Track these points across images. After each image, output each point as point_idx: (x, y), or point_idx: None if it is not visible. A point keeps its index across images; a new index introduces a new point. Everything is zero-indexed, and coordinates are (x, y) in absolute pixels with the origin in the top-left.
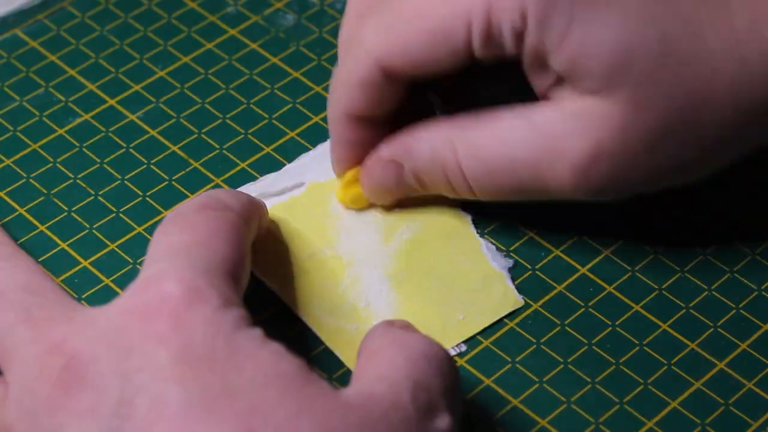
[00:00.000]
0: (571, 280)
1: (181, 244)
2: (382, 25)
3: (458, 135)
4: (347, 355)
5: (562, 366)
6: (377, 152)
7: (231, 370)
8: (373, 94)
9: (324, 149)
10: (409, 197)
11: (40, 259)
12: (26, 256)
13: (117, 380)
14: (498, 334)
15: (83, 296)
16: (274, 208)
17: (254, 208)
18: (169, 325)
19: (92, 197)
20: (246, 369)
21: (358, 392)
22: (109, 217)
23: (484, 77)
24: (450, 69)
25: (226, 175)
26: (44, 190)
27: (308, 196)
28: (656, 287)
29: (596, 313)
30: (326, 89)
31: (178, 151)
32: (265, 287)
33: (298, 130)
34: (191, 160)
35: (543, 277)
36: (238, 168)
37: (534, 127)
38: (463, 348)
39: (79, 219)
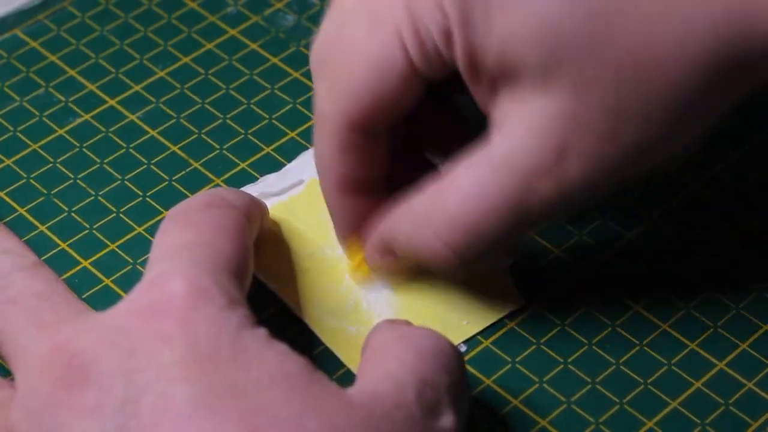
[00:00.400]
0: (571, 280)
1: (185, 243)
2: (330, 84)
3: (429, 210)
4: (348, 356)
5: (562, 366)
6: (368, 239)
7: (236, 369)
8: (352, 157)
9: None
10: None
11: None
12: (47, 269)
13: (121, 379)
14: (498, 334)
15: (83, 296)
16: (274, 208)
17: (256, 207)
18: (174, 324)
19: (92, 197)
20: (251, 369)
21: (362, 391)
22: (109, 217)
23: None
24: (410, 98)
25: (226, 175)
26: (44, 190)
27: (308, 193)
28: (656, 287)
29: (596, 313)
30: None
31: (178, 151)
32: (266, 287)
33: (298, 130)
34: (191, 160)
35: (543, 277)
36: (238, 168)
37: (496, 167)
38: (463, 348)
39: (79, 219)
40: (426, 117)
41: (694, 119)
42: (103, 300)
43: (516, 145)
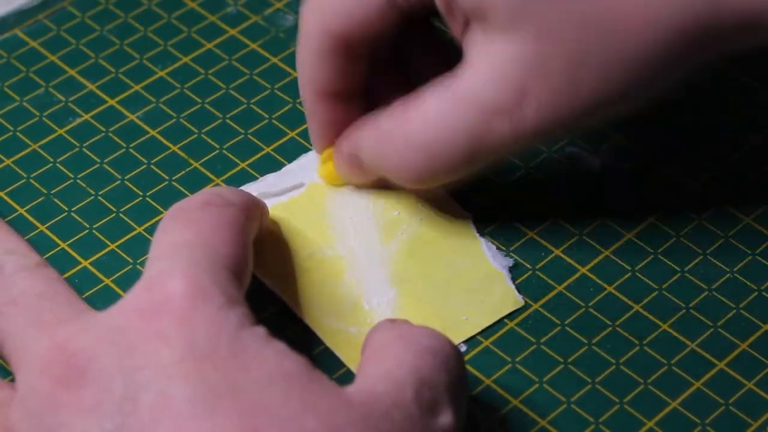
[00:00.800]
0: (571, 280)
1: (184, 241)
2: (312, 7)
3: (393, 128)
4: (348, 355)
5: (562, 366)
6: (338, 145)
7: (235, 368)
8: (331, 66)
9: None
10: (403, 189)
11: None
12: (50, 269)
13: (120, 378)
14: (498, 334)
15: (83, 296)
16: (274, 208)
17: (256, 206)
18: (173, 323)
19: (92, 197)
20: (250, 368)
21: (361, 390)
22: (109, 217)
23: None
24: (385, 25)
25: (226, 175)
26: (44, 190)
27: (308, 196)
28: (656, 287)
29: (596, 313)
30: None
31: (178, 151)
32: (266, 287)
33: (298, 130)
34: (191, 160)
35: (543, 277)
36: (238, 168)
37: (459, 100)
38: (463, 348)
39: (79, 219)
40: (410, 43)
41: (652, 81)
42: (103, 300)
43: (479, 82)
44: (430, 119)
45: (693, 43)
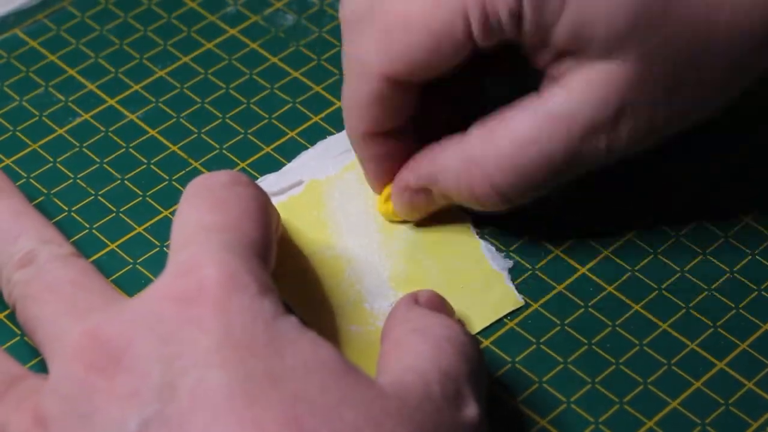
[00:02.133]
0: (571, 280)
1: (215, 224)
2: (379, 37)
3: (479, 152)
4: (348, 355)
5: (562, 366)
6: (404, 180)
7: (272, 356)
8: (385, 108)
9: (324, 147)
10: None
11: None
12: (84, 260)
13: (157, 365)
14: (498, 334)
15: None
16: None
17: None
18: (209, 311)
19: (92, 197)
20: (287, 356)
21: (391, 382)
22: (109, 217)
23: (489, 72)
24: (454, 64)
25: None
26: (44, 190)
27: (308, 194)
28: (656, 287)
29: (596, 313)
30: (326, 89)
31: (178, 151)
32: None
33: (298, 130)
34: (191, 160)
35: (543, 277)
36: (238, 168)
37: (556, 119)
38: None
39: (79, 219)
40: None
41: (741, 80)
42: None
43: (575, 102)
44: (522, 137)
45: None
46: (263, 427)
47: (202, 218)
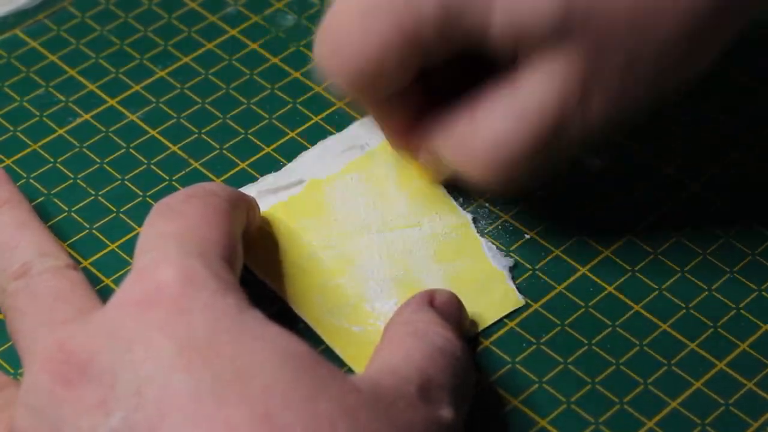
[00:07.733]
0: (571, 280)
1: (171, 232)
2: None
3: (467, 139)
4: (348, 354)
5: (562, 366)
6: (420, 155)
7: (239, 353)
8: (401, 62)
9: (323, 147)
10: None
11: None
12: (77, 272)
13: (123, 373)
14: (498, 334)
15: None
16: (274, 208)
17: (240, 197)
18: (169, 312)
19: (92, 197)
20: (255, 351)
21: (371, 376)
22: (109, 217)
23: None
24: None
25: (226, 175)
26: (44, 190)
27: (308, 194)
28: (656, 287)
29: (596, 313)
30: (326, 89)
31: (178, 151)
32: (266, 287)
33: (298, 130)
34: (191, 160)
35: (543, 277)
36: (238, 168)
37: (527, 110)
38: None
39: (79, 219)
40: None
41: (702, 51)
42: (103, 300)
43: (544, 91)
44: (498, 129)
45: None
46: (235, 426)
47: (159, 230)
